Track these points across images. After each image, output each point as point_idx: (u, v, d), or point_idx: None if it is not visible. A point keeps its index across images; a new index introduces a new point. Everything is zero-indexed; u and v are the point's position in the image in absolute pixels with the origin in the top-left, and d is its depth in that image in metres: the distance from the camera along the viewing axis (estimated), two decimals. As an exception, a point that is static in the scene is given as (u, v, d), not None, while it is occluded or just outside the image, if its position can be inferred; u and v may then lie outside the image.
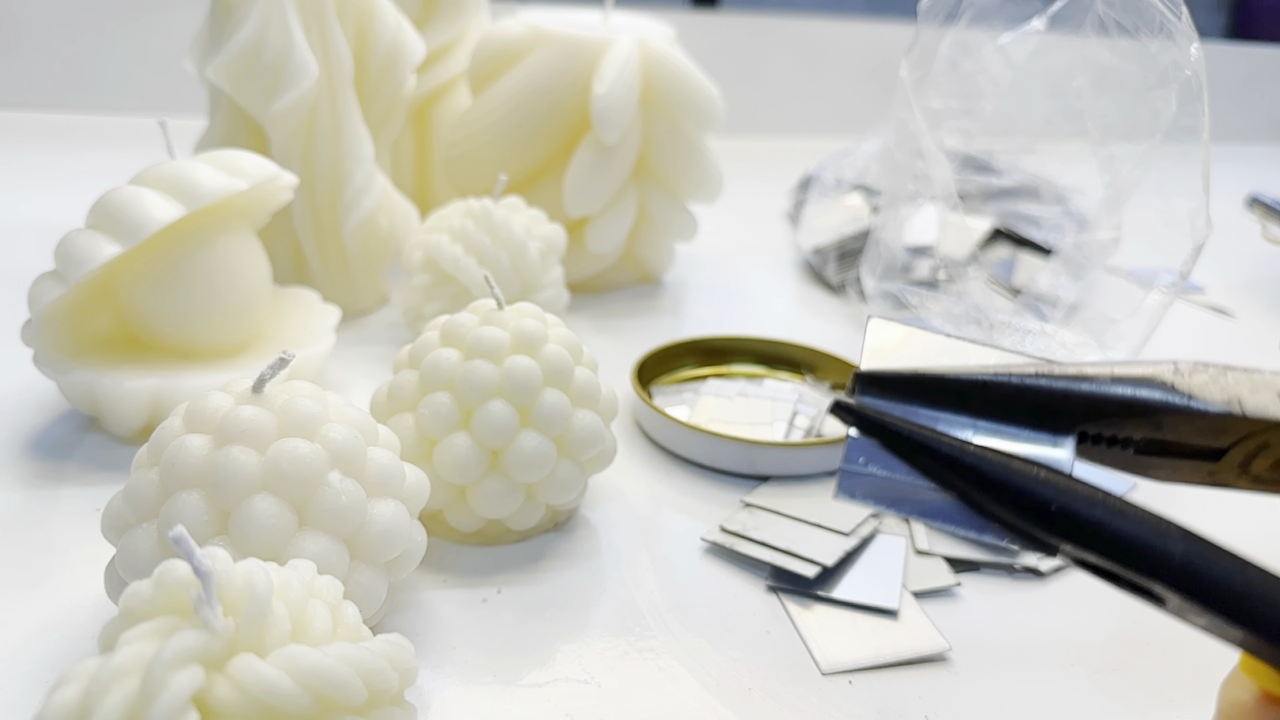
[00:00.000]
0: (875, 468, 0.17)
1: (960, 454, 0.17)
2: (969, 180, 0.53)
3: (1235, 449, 0.18)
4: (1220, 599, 0.15)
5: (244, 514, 0.21)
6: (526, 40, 0.43)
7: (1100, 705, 0.24)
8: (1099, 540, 0.16)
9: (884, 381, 0.18)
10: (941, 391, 0.18)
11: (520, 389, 0.26)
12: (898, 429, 0.17)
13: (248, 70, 0.36)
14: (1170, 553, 0.16)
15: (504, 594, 0.26)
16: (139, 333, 0.32)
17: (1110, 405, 0.17)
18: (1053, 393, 0.17)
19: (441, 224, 0.38)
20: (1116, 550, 0.16)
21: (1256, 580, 0.16)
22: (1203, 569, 0.16)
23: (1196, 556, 0.16)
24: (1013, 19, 0.42)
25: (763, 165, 0.71)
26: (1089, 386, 0.17)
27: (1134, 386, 0.17)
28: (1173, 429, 0.17)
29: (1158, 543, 0.16)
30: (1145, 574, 0.16)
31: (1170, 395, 0.17)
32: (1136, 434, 0.18)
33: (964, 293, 0.43)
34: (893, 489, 0.17)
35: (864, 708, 0.23)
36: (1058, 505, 0.16)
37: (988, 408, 0.17)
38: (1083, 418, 0.17)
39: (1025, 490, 0.16)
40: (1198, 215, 0.36)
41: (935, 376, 0.18)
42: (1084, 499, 0.16)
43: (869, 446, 0.17)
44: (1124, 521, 0.16)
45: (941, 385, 0.18)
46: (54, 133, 0.65)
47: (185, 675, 0.16)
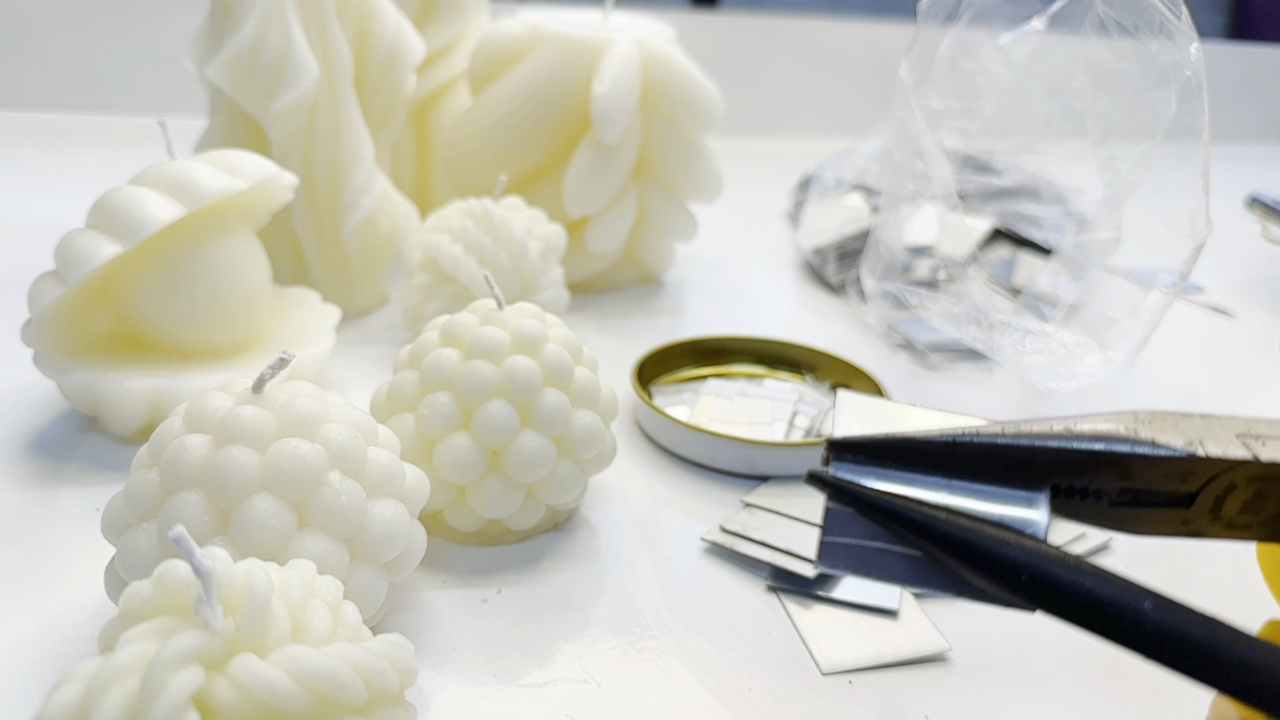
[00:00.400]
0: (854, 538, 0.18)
1: (932, 521, 0.17)
2: (969, 180, 0.53)
3: (1205, 492, 0.18)
4: (1192, 664, 0.16)
5: (244, 514, 0.21)
6: (526, 40, 0.43)
7: (1100, 705, 0.24)
8: (1070, 607, 0.16)
9: (858, 447, 0.18)
10: (914, 453, 0.18)
11: (520, 389, 0.26)
12: (871, 499, 0.18)
13: (248, 70, 0.36)
14: (1140, 617, 0.16)
15: (504, 594, 0.26)
16: (139, 333, 0.32)
17: (1078, 456, 0.18)
18: (1019, 449, 0.18)
19: (441, 224, 0.38)
20: (1088, 617, 0.16)
21: (1227, 643, 0.16)
22: (1172, 632, 0.16)
23: (1165, 619, 0.16)
24: (1012, 19, 0.42)
25: (763, 165, 0.71)
26: (1055, 442, 0.18)
27: (1097, 440, 0.18)
28: (1140, 475, 0.18)
29: (1128, 609, 0.16)
30: (1118, 640, 0.16)
31: (1134, 445, 0.18)
32: (1108, 484, 0.18)
33: (964, 293, 0.43)
34: (872, 557, 0.18)
35: (864, 708, 0.23)
36: (1028, 574, 0.16)
37: (960, 467, 0.18)
38: (1053, 471, 0.18)
39: (996, 556, 0.17)
40: (1197, 215, 0.36)
41: (907, 439, 0.18)
42: (1056, 564, 0.16)
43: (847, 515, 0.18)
44: (1094, 585, 0.16)
45: (913, 447, 0.18)
46: (54, 133, 0.65)
47: (185, 675, 0.16)
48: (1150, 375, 0.43)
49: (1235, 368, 0.46)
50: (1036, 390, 0.39)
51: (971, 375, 0.42)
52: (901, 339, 0.44)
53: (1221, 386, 0.44)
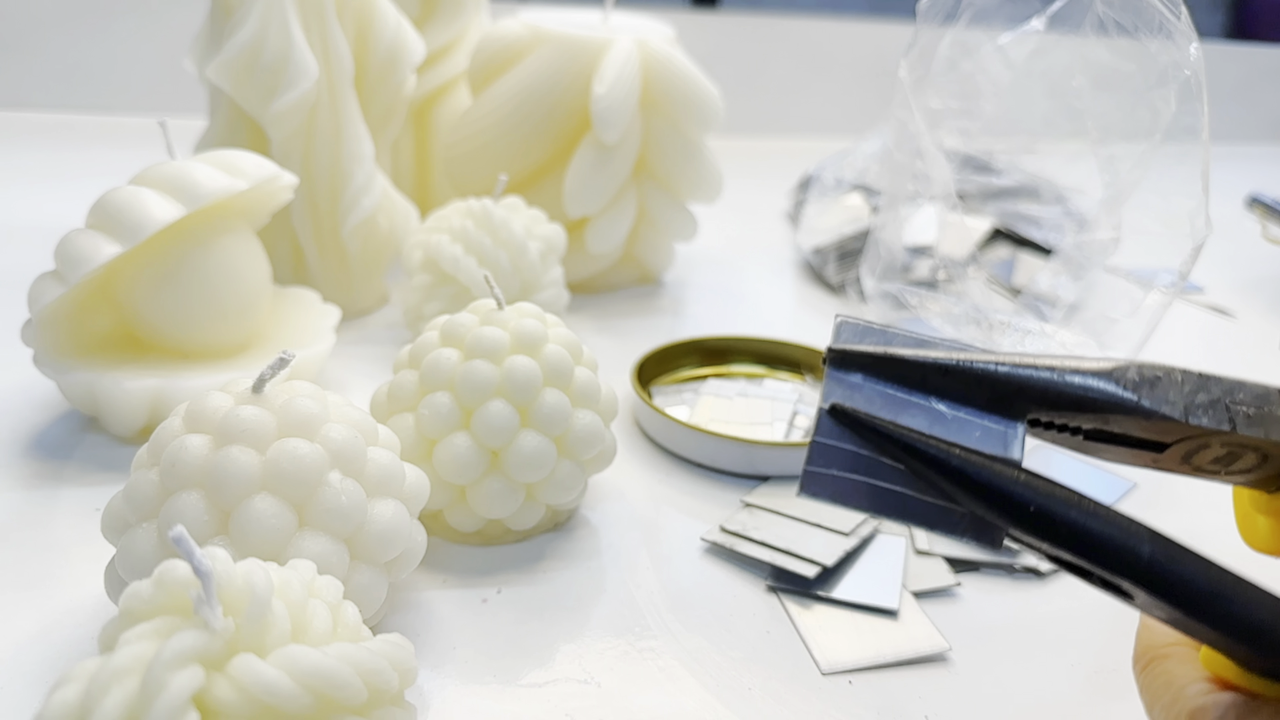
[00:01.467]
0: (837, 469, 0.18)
1: (946, 456, 0.18)
2: (969, 180, 0.53)
3: (1177, 445, 0.19)
4: (1183, 597, 0.17)
5: (244, 514, 0.21)
6: (526, 40, 0.43)
7: (1100, 705, 0.24)
8: (1073, 540, 0.17)
9: (854, 358, 0.19)
10: (907, 371, 0.19)
11: (520, 389, 0.26)
12: (885, 430, 0.18)
13: (248, 70, 0.36)
14: (1138, 553, 0.17)
15: (504, 594, 0.26)
16: (139, 333, 0.32)
17: (1063, 398, 0.19)
18: (1010, 381, 0.19)
19: (441, 224, 0.38)
20: (1089, 549, 0.17)
21: (1217, 580, 0.17)
22: (1168, 568, 0.17)
23: (1162, 556, 0.17)
24: (1012, 19, 0.42)
25: (763, 165, 0.71)
26: (1045, 375, 0.19)
27: (1087, 379, 0.19)
28: (1119, 424, 0.19)
29: (1127, 543, 0.17)
30: (1115, 572, 0.17)
31: (1122, 393, 0.19)
32: (1085, 425, 0.19)
33: (964, 293, 0.43)
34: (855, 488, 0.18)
35: (864, 708, 0.23)
36: (1036, 506, 0.17)
37: (948, 390, 0.19)
38: (1035, 407, 0.19)
39: (1006, 491, 0.18)
40: (1197, 215, 0.36)
41: (902, 358, 0.19)
42: (1060, 501, 0.17)
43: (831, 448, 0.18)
44: (1096, 523, 0.17)
45: (907, 365, 0.19)
46: (54, 133, 0.65)
47: (185, 675, 0.16)
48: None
49: (1235, 368, 0.46)
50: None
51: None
52: (901, 339, 0.44)
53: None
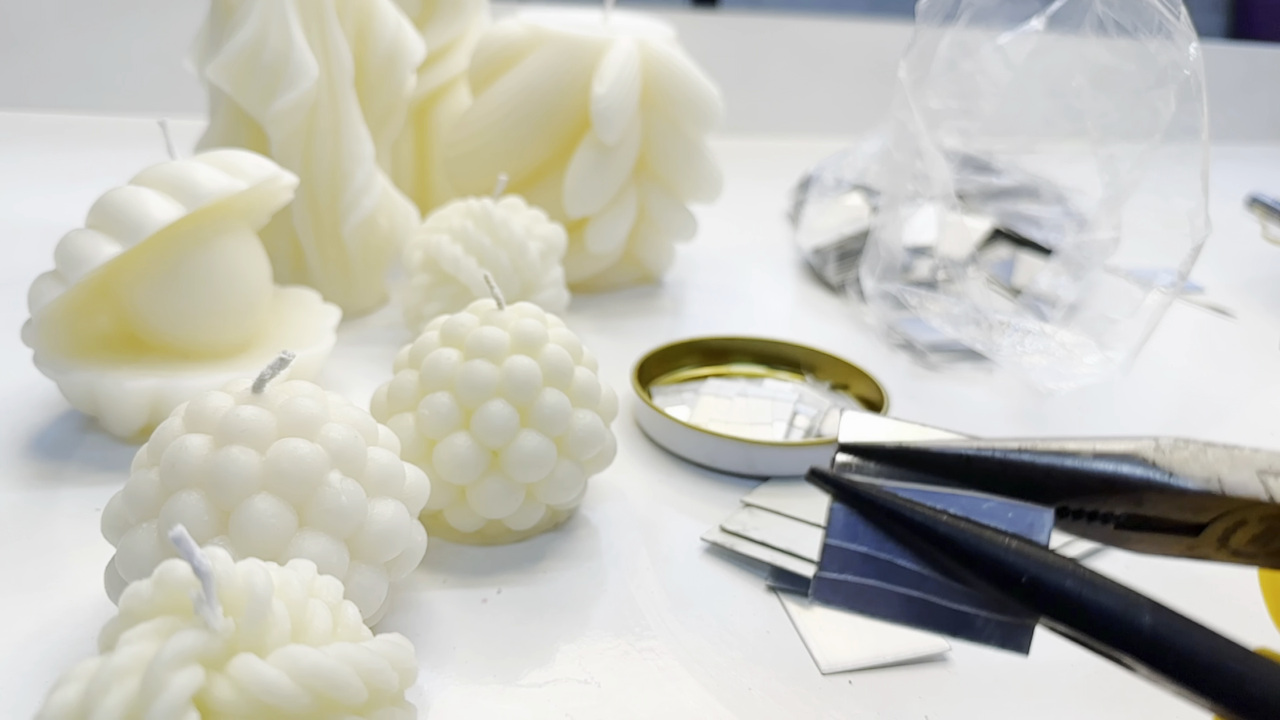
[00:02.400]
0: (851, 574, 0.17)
1: (934, 523, 0.17)
2: (969, 180, 0.53)
3: (1214, 524, 0.18)
4: (1186, 671, 0.16)
5: (244, 514, 0.21)
6: (526, 40, 0.43)
7: (1100, 705, 0.24)
8: (1069, 612, 0.16)
9: (867, 453, 0.18)
10: (925, 464, 0.18)
11: (520, 389, 0.26)
12: (872, 497, 0.17)
13: (248, 70, 0.36)
14: (1139, 625, 0.16)
15: (504, 594, 0.26)
16: (139, 333, 0.32)
17: (1092, 482, 0.18)
18: (1035, 468, 0.18)
19: (441, 224, 0.38)
20: (1086, 622, 0.16)
21: (1224, 653, 0.16)
22: (1170, 641, 0.16)
23: (1164, 629, 0.16)
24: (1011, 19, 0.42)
25: (763, 165, 0.71)
26: (1071, 463, 0.18)
27: (1115, 463, 0.18)
28: (1153, 505, 0.18)
29: (1127, 615, 0.16)
30: (1114, 646, 0.16)
31: (1151, 472, 0.18)
32: (1117, 509, 0.18)
33: (964, 293, 0.43)
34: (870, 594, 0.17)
35: (864, 708, 0.23)
36: (1028, 577, 0.16)
37: (970, 481, 0.18)
38: (1064, 494, 0.18)
39: (996, 560, 0.17)
40: (1197, 215, 0.36)
41: (920, 450, 0.18)
42: (1055, 569, 0.16)
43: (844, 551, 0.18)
44: (1094, 593, 0.16)
45: (924, 459, 0.18)
46: (54, 133, 0.65)
47: (185, 675, 0.16)
48: (1150, 375, 0.43)
49: (1235, 368, 0.46)
50: (1036, 390, 0.39)
51: (971, 375, 0.42)
52: (901, 339, 0.44)
53: (1221, 386, 0.44)
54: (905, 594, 0.17)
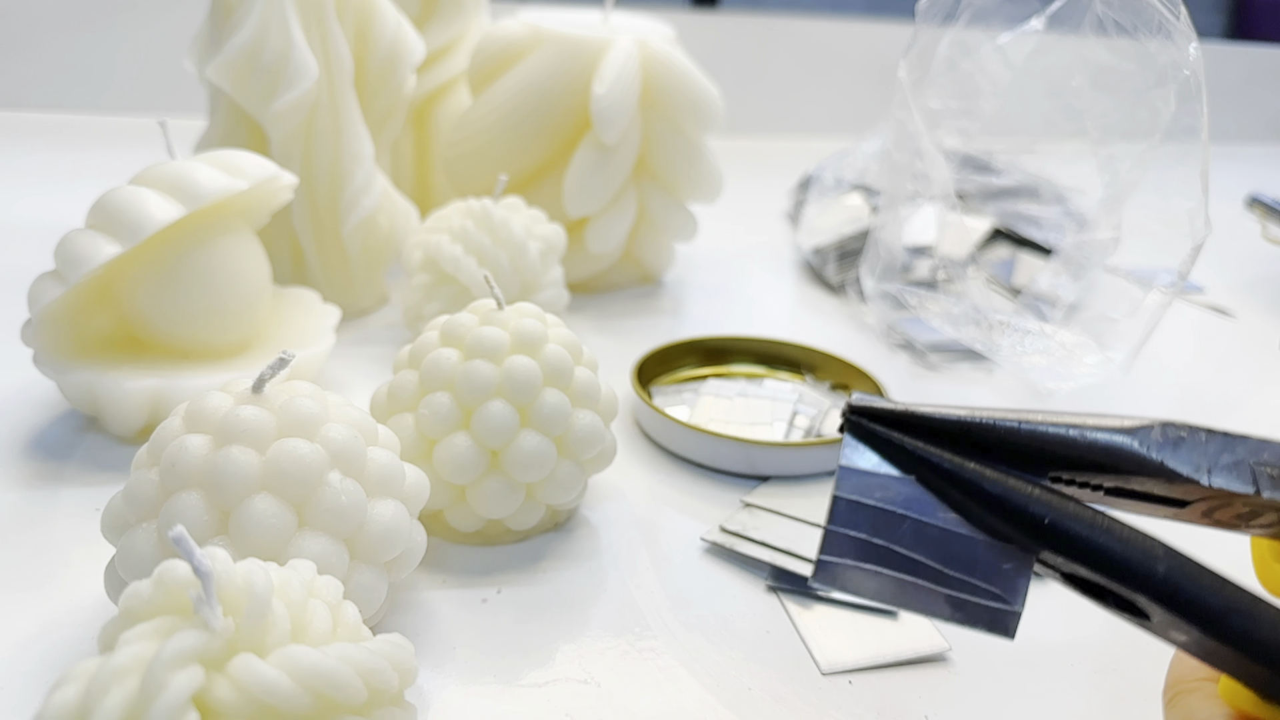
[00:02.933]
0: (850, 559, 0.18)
1: (959, 469, 0.18)
2: (969, 180, 0.53)
3: (1199, 503, 0.19)
4: (1200, 614, 0.17)
5: (244, 514, 0.21)
6: (526, 40, 0.43)
7: (1100, 705, 0.24)
8: (1088, 554, 0.17)
9: (875, 414, 0.19)
10: (927, 429, 0.19)
11: (520, 389, 0.26)
12: (901, 444, 0.18)
13: (248, 70, 0.36)
14: (1154, 569, 0.17)
15: (504, 594, 0.26)
16: (139, 333, 0.32)
17: (1085, 460, 0.18)
18: (1031, 440, 0.18)
19: (441, 224, 0.38)
20: (1104, 564, 0.17)
21: (1235, 598, 0.17)
22: (1184, 585, 0.17)
23: (1179, 573, 0.17)
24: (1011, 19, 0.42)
25: (763, 165, 0.71)
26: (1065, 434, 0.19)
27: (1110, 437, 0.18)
28: (1141, 484, 0.19)
29: (1143, 559, 0.17)
30: (1131, 587, 0.17)
31: (1143, 457, 0.18)
32: (1106, 482, 0.19)
33: (964, 293, 0.43)
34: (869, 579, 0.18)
35: (864, 708, 0.23)
36: (1050, 519, 0.17)
37: (969, 448, 0.19)
38: (1057, 465, 0.19)
39: (1020, 505, 0.18)
40: (1197, 215, 0.36)
41: (922, 415, 0.19)
42: (1074, 516, 0.17)
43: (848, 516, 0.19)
44: (1111, 539, 0.17)
45: (928, 424, 0.19)
46: (54, 133, 0.65)
47: (185, 675, 0.16)
48: (1150, 375, 0.43)
49: (1235, 368, 0.46)
50: (1036, 390, 0.39)
51: (971, 375, 0.42)
52: (901, 339, 0.44)
53: (1221, 386, 0.44)
54: (899, 578, 0.18)
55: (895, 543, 0.18)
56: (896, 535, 0.18)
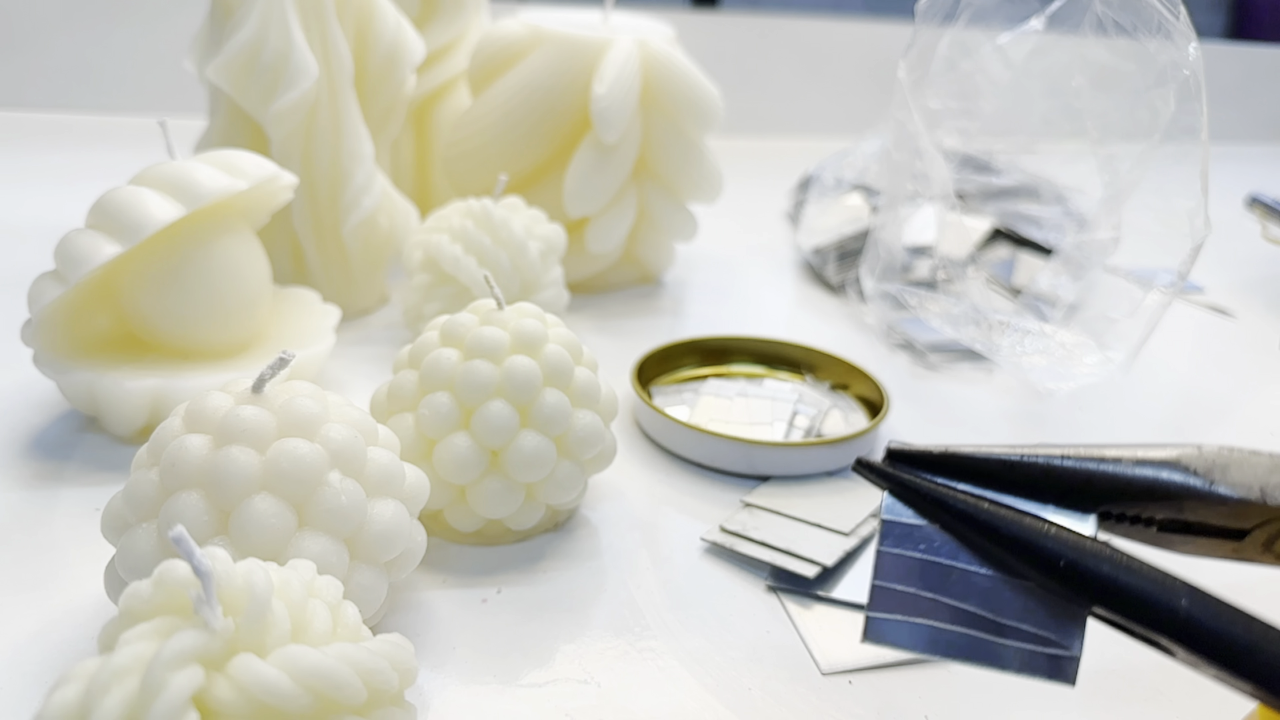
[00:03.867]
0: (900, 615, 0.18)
1: (974, 510, 0.18)
2: (968, 180, 0.53)
3: (1258, 530, 0.18)
4: (1225, 653, 0.16)
5: (244, 514, 0.21)
6: (526, 40, 0.43)
7: (1100, 705, 0.24)
8: (1106, 595, 0.17)
9: (914, 459, 0.19)
10: (970, 470, 0.18)
11: (520, 389, 0.26)
12: (916, 486, 0.18)
13: (248, 70, 0.36)
14: (1175, 608, 0.16)
15: (504, 594, 0.26)
16: (139, 333, 0.32)
17: (1133, 488, 0.18)
18: (1077, 474, 0.18)
19: (441, 224, 0.38)
20: (1123, 605, 0.17)
21: (1260, 634, 0.16)
22: (1206, 623, 0.16)
23: (1200, 611, 0.16)
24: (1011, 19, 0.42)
25: (763, 165, 0.71)
26: (1112, 469, 0.18)
27: (1156, 469, 0.18)
28: (1194, 511, 0.18)
29: (1163, 598, 0.16)
30: (1152, 628, 0.16)
31: (1191, 479, 0.18)
32: (1159, 514, 0.18)
33: (964, 293, 0.43)
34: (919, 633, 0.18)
35: (864, 708, 0.23)
36: (1066, 560, 0.17)
37: (1014, 487, 0.18)
38: (1105, 499, 0.18)
39: (1035, 545, 0.17)
40: (1196, 215, 0.36)
41: (964, 455, 0.18)
42: (1091, 554, 0.17)
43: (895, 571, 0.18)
44: (1131, 577, 0.17)
45: (970, 465, 0.18)
46: (54, 133, 0.65)
47: (185, 675, 0.16)
48: (1150, 375, 0.43)
49: (1235, 368, 0.46)
50: (1036, 390, 0.39)
51: (971, 375, 0.42)
52: (901, 339, 0.44)
53: (1221, 386, 0.44)
54: (952, 630, 0.18)
55: (944, 594, 0.18)
56: (945, 587, 0.18)
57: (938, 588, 0.18)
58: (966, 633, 0.18)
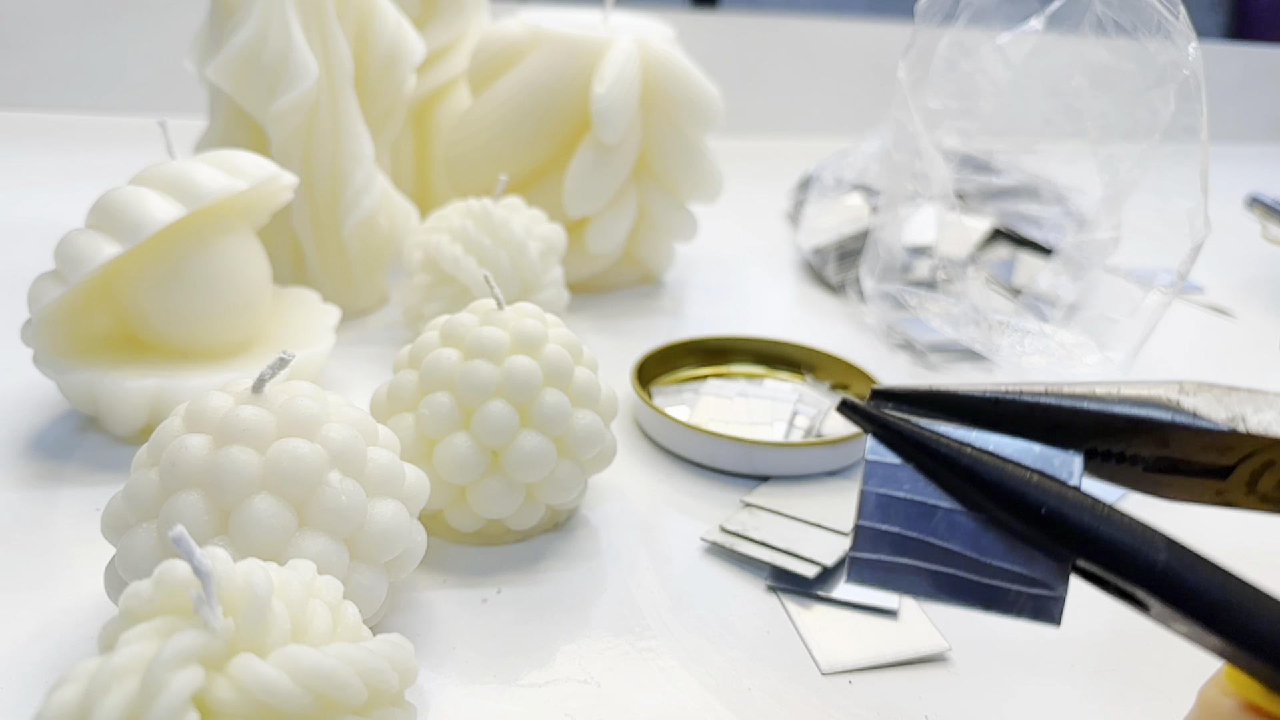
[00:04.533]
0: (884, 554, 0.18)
1: (957, 455, 0.18)
2: (968, 180, 0.53)
3: (1241, 466, 0.18)
4: (1199, 607, 0.16)
5: (244, 514, 0.21)
6: (526, 40, 0.43)
7: (1100, 705, 0.24)
8: (1085, 544, 0.17)
9: (900, 397, 0.19)
10: (955, 407, 0.18)
11: (520, 389, 0.26)
12: (899, 428, 0.18)
13: (248, 70, 0.36)
14: (1153, 560, 0.16)
15: (504, 594, 0.26)
16: (139, 333, 0.32)
17: (1117, 422, 0.18)
18: (1061, 410, 0.18)
19: (441, 224, 0.38)
20: (1102, 555, 0.17)
21: (1235, 591, 0.16)
22: (1184, 577, 0.16)
23: (1178, 565, 0.16)
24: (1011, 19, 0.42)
25: (763, 165, 0.71)
26: (1096, 405, 0.18)
27: (1140, 406, 0.18)
28: (1179, 446, 0.18)
29: (1142, 550, 0.16)
30: (1129, 579, 0.16)
31: (1175, 414, 0.18)
32: (1144, 450, 0.18)
33: (964, 293, 0.43)
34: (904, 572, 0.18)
35: (864, 708, 0.24)
36: (1048, 509, 0.17)
37: (1000, 423, 0.18)
38: (1091, 435, 0.18)
39: (1017, 492, 0.17)
40: (1196, 215, 0.36)
41: (949, 393, 0.18)
42: (1072, 504, 0.17)
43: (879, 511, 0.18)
44: (1110, 528, 0.17)
45: (955, 401, 0.18)
46: (54, 133, 0.65)
47: (185, 675, 0.16)
48: (1149, 375, 0.43)
49: (1235, 368, 0.46)
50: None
51: (971, 375, 0.42)
52: (901, 339, 0.44)
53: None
54: (937, 571, 0.18)
55: (929, 535, 0.18)
56: (930, 527, 0.18)
57: (922, 528, 0.18)
58: (952, 573, 0.18)
